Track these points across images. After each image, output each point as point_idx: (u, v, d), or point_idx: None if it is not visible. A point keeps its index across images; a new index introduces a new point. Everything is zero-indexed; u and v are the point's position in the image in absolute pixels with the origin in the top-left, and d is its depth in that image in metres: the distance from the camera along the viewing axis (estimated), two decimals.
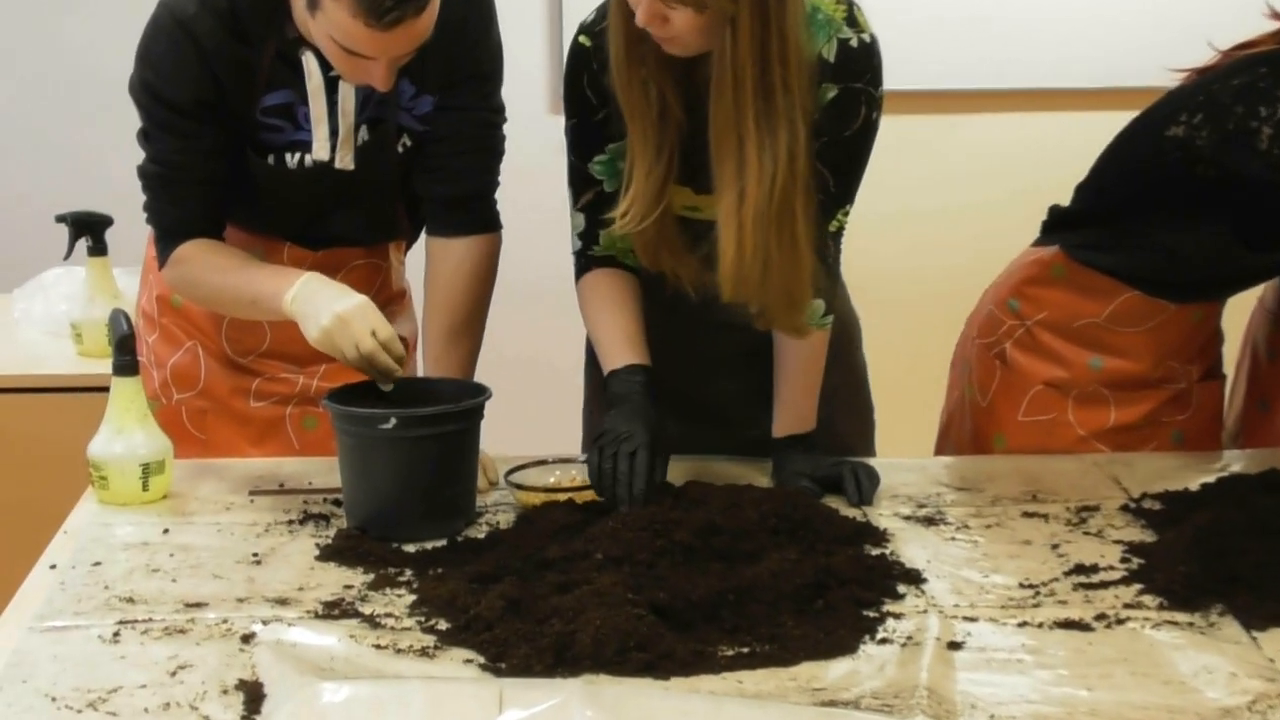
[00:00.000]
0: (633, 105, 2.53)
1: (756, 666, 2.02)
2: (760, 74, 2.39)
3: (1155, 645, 2.11)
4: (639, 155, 2.55)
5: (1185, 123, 2.64)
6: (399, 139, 2.73)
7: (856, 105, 2.57)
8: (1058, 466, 2.78)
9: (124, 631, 2.12)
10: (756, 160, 2.42)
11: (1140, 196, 2.76)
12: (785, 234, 2.46)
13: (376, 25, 2.33)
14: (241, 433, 2.85)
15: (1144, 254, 2.78)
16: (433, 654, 2.06)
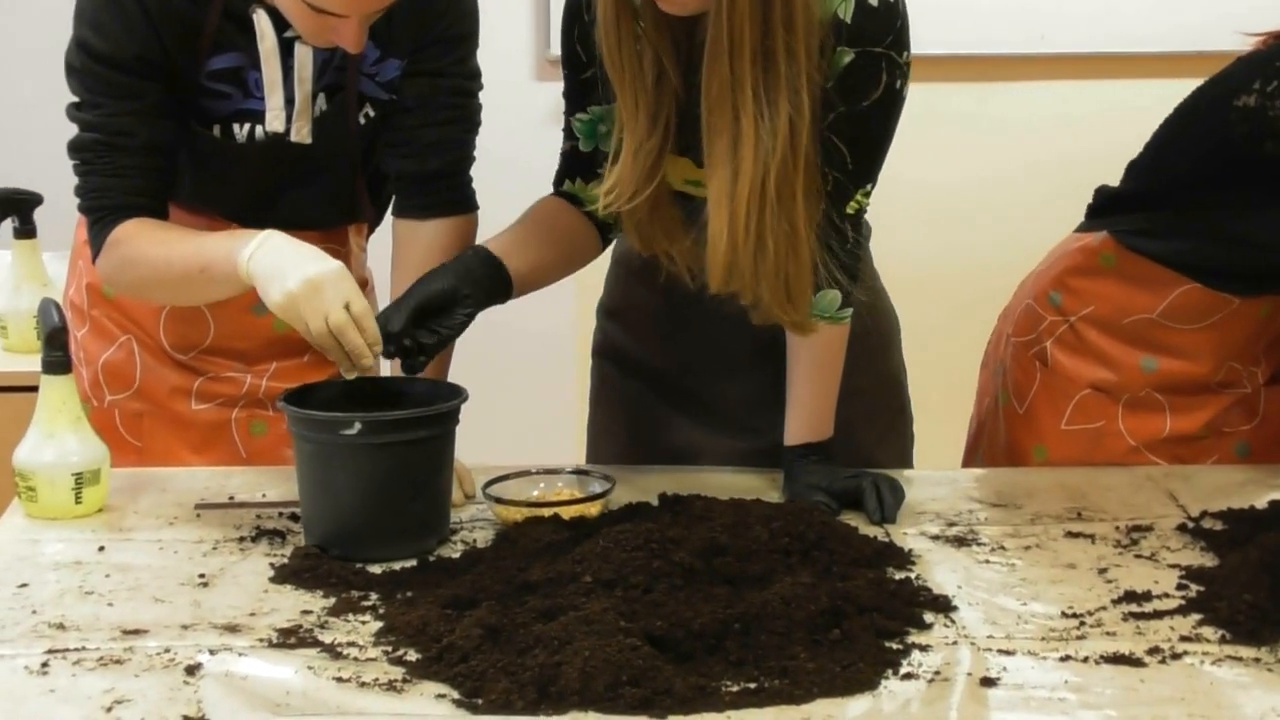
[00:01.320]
0: (622, 72, 2.55)
1: (765, 704, 2.00)
2: (760, 37, 2.39)
3: (1216, 684, 2.09)
4: (629, 127, 2.57)
5: (1259, 90, 2.64)
6: (361, 108, 2.70)
7: (877, 72, 2.57)
8: (1106, 480, 2.78)
9: (53, 662, 2.10)
10: (753, 135, 2.43)
11: (1204, 176, 2.75)
12: (783, 219, 2.47)
13: None
14: (183, 438, 2.83)
15: (1207, 241, 2.78)
16: (401, 688, 2.05)
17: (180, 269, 2.53)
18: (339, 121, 2.70)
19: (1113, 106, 3.23)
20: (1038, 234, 3.01)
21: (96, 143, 2.60)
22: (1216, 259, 2.77)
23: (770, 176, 2.42)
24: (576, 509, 2.50)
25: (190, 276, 2.53)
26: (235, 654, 2.12)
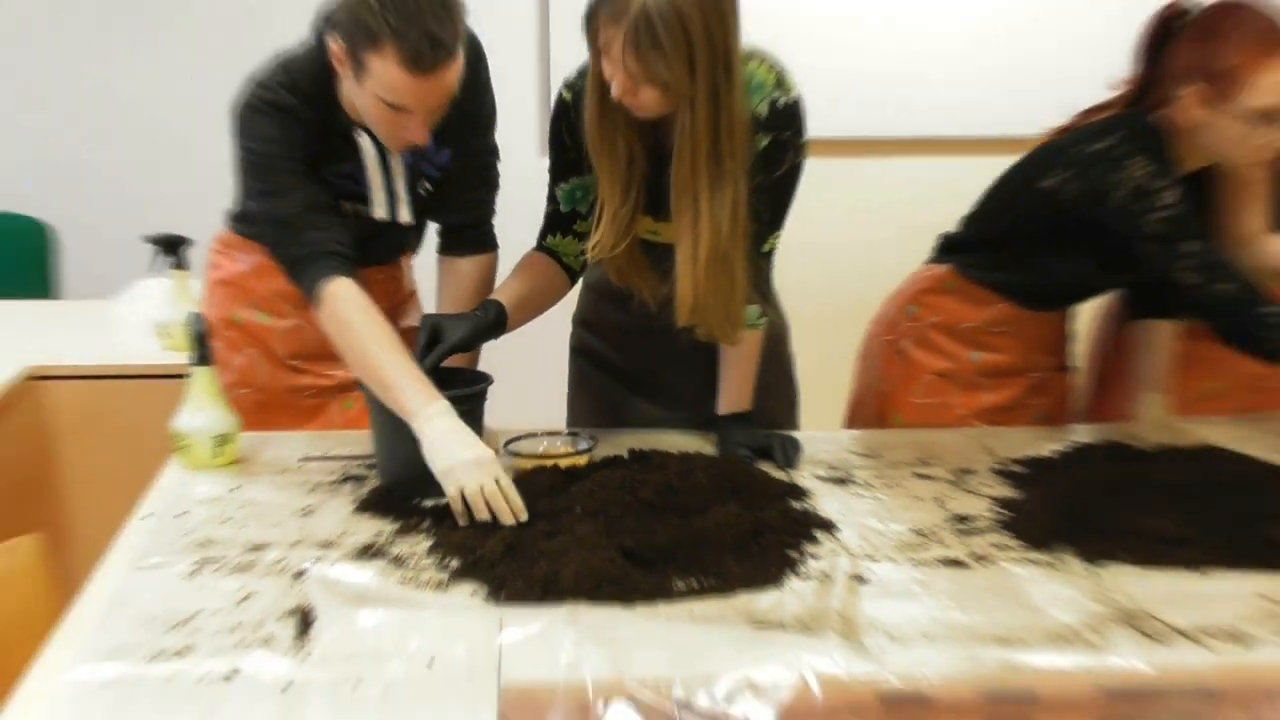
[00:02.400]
0: (603, 158, 2.53)
1: (704, 597, 2.06)
2: (712, 144, 2.39)
3: (1016, 579, 2.15)
4: (608, 198, 2.55)
5: (1056, 178, 2.66)
6: (420, 184, 2.71)
7: (785, 152, 2.57)
8: (942, 439, 2.80)
9: (202, 568, 2.15)
10: (708, 213, 2.43)
11: (1019, 230, 2.78)
12: (728, 271, 2.48)
13: (418, 72, 2.31)
14: (294, 414, 2.83)
15: (1021, 274, 2.81)
16: (446, 587, 2.09)
17: (370, 370, 2.38)
18: (412, 197, 2.71)
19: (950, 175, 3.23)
20: (897, 264, 3.03)
21: (296, 212, 2.48)
22: (1026, 286, 2.80)
23: (721, 242, 2.43)
24: (570, 460, 2.52)
25: (373, 380, 2.39)
26: (329, 563, 2.17)
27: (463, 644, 1.90)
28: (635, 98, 2.37)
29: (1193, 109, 2.54)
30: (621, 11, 2.26)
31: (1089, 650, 1.92)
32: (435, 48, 2.30)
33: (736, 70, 2.39)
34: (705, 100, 2.35)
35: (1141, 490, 2.42)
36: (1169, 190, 2.54)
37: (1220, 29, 2.53)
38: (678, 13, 2.23)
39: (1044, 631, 1.96)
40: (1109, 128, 2.64)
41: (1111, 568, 2.18)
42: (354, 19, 2.32)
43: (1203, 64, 2.52)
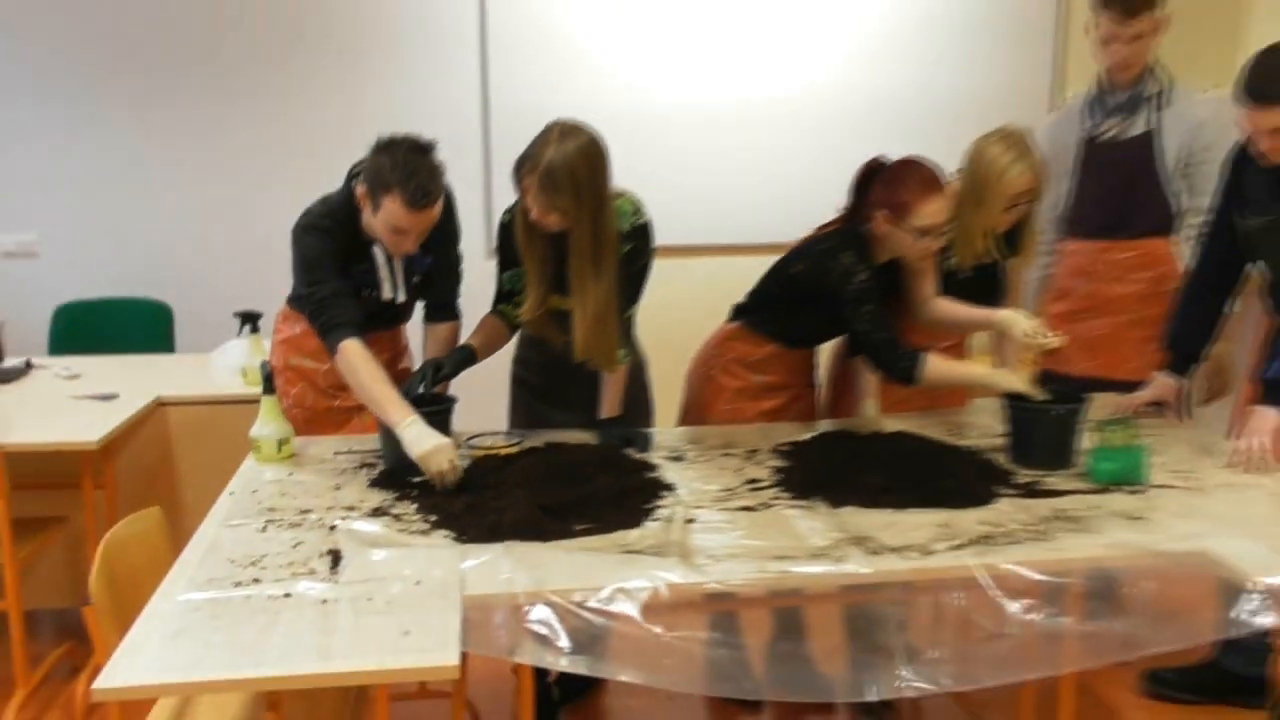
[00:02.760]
0: (528, 259, 2.55)
1: (592, 535, 2.05)
2: (593, 250, 2.42)
3: (788, 517, 2.14)
4: (531, 284, 2.57)
5: (799, 265, 2.67)
6: (413, 278, 2.67)
7: (639, 255, 2.57)
8: (739, 432, 2.72)
9: (269, 526, 2.10)
10: (593, 291, 2.45)
11: (780, 299, 2.76)
12: (605, 327, 2.49)
13: (414, 210, 2.36)
14: (329, 425, 2.74)
15: (783, 326, 2.77)
16: (428, 534, 2.05)
17: (369, 397, 2.35)
18: (406, 286, 2.66)
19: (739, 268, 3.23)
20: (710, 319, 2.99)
21: (330, 295, 2.43)
22: (788, 334, 2.78)
23: (600, 309, 2.46)
24: (507, 450, 2.47)
25: (370, 402, 2.36)
26: (351, 521, 2.13)
27: (439, 570, 1.89)
28: (544, 220, 2.41)
29: (882, 225, 2.56)
30: (534, 166, 2.37)
31: (833, 561, 1.93)
32: (426, 195, 2.36)
33: (608, 203, 2.44)
34: (587, 221, 2.40)
35: (862, 459, 2.39)
36: (863, 274, 2.55)
37: (900, 175, 2.56)
38: (568, 167, 2.34)
39: (806, 550, 1.98)
40: (832, 235, 2.65)
41: (846, 509, 2.18)
42: (375, 174, 2.38)
43: (888, 198, 2.55)
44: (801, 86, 4.65)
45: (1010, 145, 2.68)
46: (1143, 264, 3.09)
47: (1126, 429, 2.33)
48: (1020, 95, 4.63)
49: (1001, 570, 1.90)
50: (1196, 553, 1.96)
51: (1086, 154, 3.11)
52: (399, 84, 4.46)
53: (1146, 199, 3.06)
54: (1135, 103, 3.03)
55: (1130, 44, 2.93)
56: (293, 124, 4.43)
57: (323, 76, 4.43)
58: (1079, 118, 3.14)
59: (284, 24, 4.40)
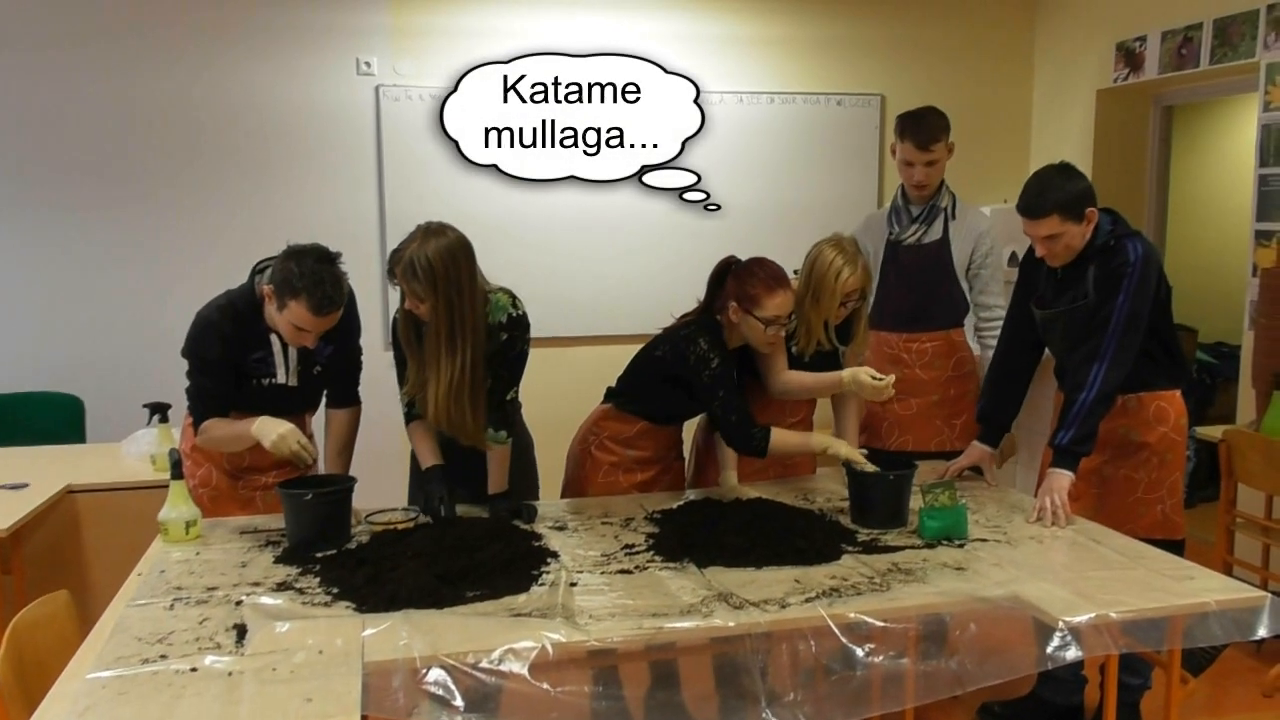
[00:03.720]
0: (406, 345, 2.52)
1: (483, 600, 2.00)
2: (448, 332, 2.41)
3: (661, 578, 2.13)
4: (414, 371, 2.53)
5: (662, 351, 2.68)
6: (314, 368, 2.61)
7: (516, 343, 2.56)
8: (615, 501, 2.71)
9: (175, 604, 2.00)
10: (445, 371, 2.43)
11: (647, 381, 2.76)
12: (462, 402, 2.45)
13: (318, 316, 2.35)
14: (235, 506, 2.63)
15: (651, 405, 2.77)
16: (330, 605, 1.98)
17: (229, 436, 2.45)
18: (308, 376, 2.60)
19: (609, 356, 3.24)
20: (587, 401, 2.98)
21: (200, 392, 2.48)
22: (652, 411, 2.77)
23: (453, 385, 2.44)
24: (405, 524, 2.41)
25: (232, 437, 2.45)
26: (257, 596, 2.04)
27: (340, 639, 1.83)
28: (415, 308, 2.43)
29: (734, 315, 2.62)
30: (399, 261, 2.41)
31: (702, 617, 1.92)
32: (330, 303, 2.35)
33: (467, 292, 2.42)
34: (443, 308, 2.40)
35: (724, 524, 2.39)
36: (715, 360, 2.59)
37: (750, 272, 2.63)
38: (426, 260, 2.36)
39: (677, 607, 1.96)
40: (690, 324, 2.68)
41: (712, 568, 2.18)
42: (284, 279, 2.35)
43: (739, 291, 2.61)
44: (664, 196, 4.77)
45: (842, 250, 2.77)
46: (942, 352, 3.22)
47: (949, 491, 2.40)
48: (850, 204, 4.85)
49: (849, 619, 1.93)
50: (1011, 597, 2.02)
51: (893, 255, 3.24)
52: (304, 191, 4.42)
53: (944, 294, 3.21)
54: (933, 213, 3.19)
55: (926, 167, 3.11)
56: (202, 226, 4.33)
57: (232, 182, 4.36)
58: (884, 225, 3.27)
59: (196, 134, 4.33)
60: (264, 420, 2.41)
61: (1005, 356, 2.92)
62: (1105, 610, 1.93)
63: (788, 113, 4.86)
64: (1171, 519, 2.69)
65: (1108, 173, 4.77)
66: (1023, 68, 5.21)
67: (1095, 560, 2.23)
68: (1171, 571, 2.15)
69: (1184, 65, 4.39)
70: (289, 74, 4.36)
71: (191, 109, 4.31)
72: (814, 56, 4.92)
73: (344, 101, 4.42)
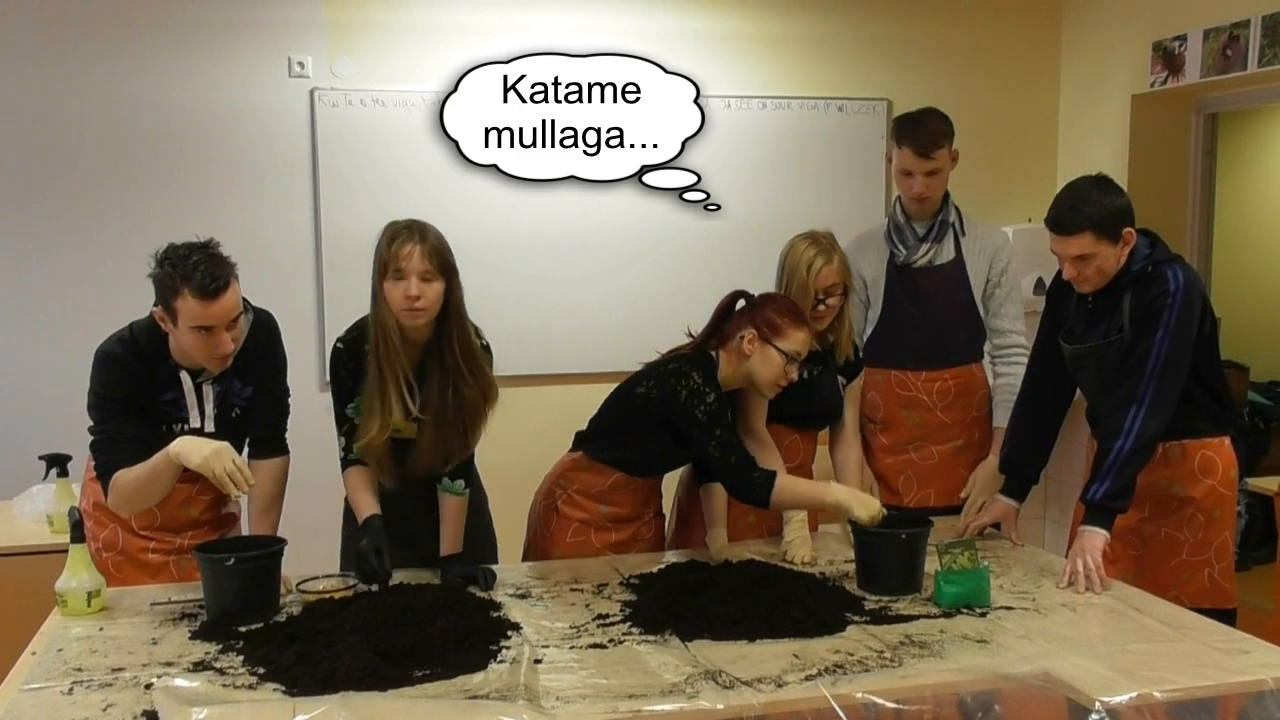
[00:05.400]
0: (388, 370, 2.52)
1: (433, 680, 2.00)
2: (458, 310, 2.53)
3: (639, 653, 2.14)
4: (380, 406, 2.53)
5: (645, 387, 2.72)
6: (232, 410, 2.63)
7: None
8: (584, 566, 2.72)
9: (75, 688, 1.99)
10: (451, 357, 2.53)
11: (624, 424, 2.79)
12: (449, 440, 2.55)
13: (206, 297, 2.37)
14: (144, 573, 2.63)
15: (628, 452, 2.80)
16: (256, 687, 1.98)
17: (148, 477, 2.44)
18: (225, 418, 2.61)
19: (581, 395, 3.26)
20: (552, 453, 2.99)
21: (105, 441, 2.51)
22: (630, 462, 2.79)
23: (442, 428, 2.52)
24: (342, 594, 2.40)
25: (149, 475, 2.44)
26: (171, 677, 2.03)
27: None
28: (426, 288, 2.46)
29: (749, 345, 2.66)
30: (411, 234, 2.48)
31: (685, 698, 1.93)
32: (214, 280, 2.38)
33: None
34: (456, 285, 2.54)
35: (712, 590, 2.40)
36: (711, 394, 2.62)
37: (770, 302, 2.72)
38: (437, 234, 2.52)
39: (658, 687, 1.98)
40: (683, 358, 2.72)
41: (697, 641, 2.19)
42: (161, 284, 2.41)
43: (758, 319, 2.67)
44: (647, 215, 4.80)
45: (815, 241, 2.87)
46: (963, 390, 3.24)
47: (969, 551, 2.43)
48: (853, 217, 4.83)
49: (855, 699, 1.93)
50: (1041, 673, 2.03)
51: (901, 280, 3.23)
52: (225, 209, 4.36)
53: (964, 322, 3.23)
54: (942, 230, 3.21)
55: (927, 177, 3.13)
56: (102, 252, 4.24)
57: (141, 201, 4.29)
58: (881, 246, 3.27)
59: (101, 146, 4.27)
60: (185, 440, 2.41)
61: (1031, 398, 2.95)
62: (1148, 689, 1.95)
63: (782, 120, 4.91)
64: (1221, 585, 2.72)
65: (1145, 189, 4.81)
66: (1048, 71, 5.29)
67: (1136, 631, 2.26)
68: (1223, 644, 2.17)
69: (1229, 68, 4.47)
70: (207, 75, 4.33)
71: (87, 116, 4.21)
72: (811, 57, 4.96)
73: (274, 107, 4.41)
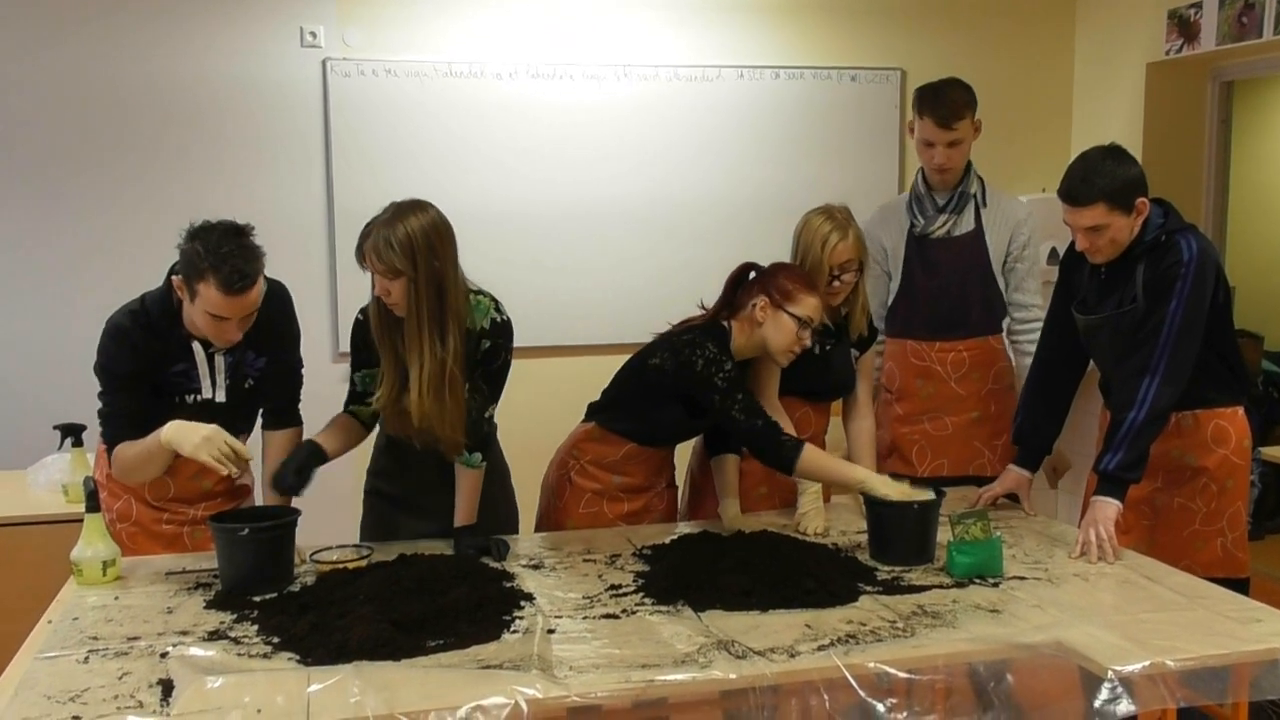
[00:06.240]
0: (383, 347, 2.56)
1: (446, 650, 2.00)
2: (431, 315, 2.46)
3: (651, 623, 2.14)
4: (387, 371, 2.56)
5: (660, 359, 2.71)
6: (245, 382, 2.62)
7: (499, 351, 2.62)
8: (599, 535, 2.73)
9: (91, 656, 1.99)
10: (429, 357, 2.47)
11: (637, 394, 2.79)
12: (444, 396, 2.49)
13: (230, 294, 2.35)
14: (158, 543, 2.64)
15: (641, 424, 2.80)
16: (270, 656, 1.98)
17: (143, 456, 2.47)
18: (238, 389, 2.60)
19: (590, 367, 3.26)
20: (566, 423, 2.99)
21: (111, 414, 2.52)
22: (644, 433, 2.80)
23: (439, 369, 2.48)
24: (355, 564, 2.40)
25: (145, 456, 2.47)
26: (186, 646, 2.03)
27: (281, 696, 1.81)
28: (389, 291, 2.46)
29: (761, 313, 2.65)
30: (368, 235, 2.46)
31: (698, 667, 1.93)
32: (243, 278, 2.35)
33: (451, 274, 2.49)
34: (425, 286, 2.44)
35: (724, 561, 2.40)
36: (728, 362, 2.62)
37: (782, 269, 2.71)
38: (406, 231, 2.42)
39: (671, 657, 1.97)
40: (695, 329, 2.72)
41: (710, 612, 2.19)
42: (188, 261, 2.37)
43: (770, 286, 2.66)
44: (658, 187, 4.78)
45: (831, 217, 2.85)
46: (981, 362, 3.24)
47: (982, 522, 2.42)
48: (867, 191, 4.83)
49: (867, 669, 1.93)
50: (1054, 643, 2.03)
51: (919, 251, 3.24)
52: (238, 181, 4.39)
53: (980, 293, 3.22)
54: (962, 201, 3.20)
55: (949, 148, 3.11)
56: (117, 223, 4.28)
57: (153, 172, 4.32)
58: (902, 216, 3.27)
59: (115, 118, 4.28)
60: (177, 425, 2.41)
61: (1044, 368, 2.94)
62: (1161, 658, 1.94)
63: (795, 90, 4.88)
64: (1234, 554, 2.72)
65: (1160, 157, 4.80)
66: (1063, 38, 5.25)
67: (1148, 601, 2.25)
68: (1236, 613, 2.17)
69: (1245, 35, 4.43)
70: (220, 46, 4.34)
71: (101, 88, 4.24)
72: (824, 25, 4.94)
73: (286, 77, 4.41)
